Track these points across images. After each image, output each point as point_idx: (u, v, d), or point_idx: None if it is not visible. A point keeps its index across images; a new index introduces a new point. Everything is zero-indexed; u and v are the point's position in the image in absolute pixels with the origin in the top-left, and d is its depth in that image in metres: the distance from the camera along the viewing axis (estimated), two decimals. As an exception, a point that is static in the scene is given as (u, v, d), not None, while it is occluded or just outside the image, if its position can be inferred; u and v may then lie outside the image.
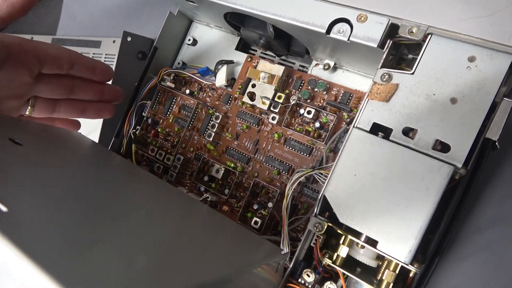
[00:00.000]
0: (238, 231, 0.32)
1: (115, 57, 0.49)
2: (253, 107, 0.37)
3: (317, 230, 0.27)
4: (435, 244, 0.26)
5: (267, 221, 0.35)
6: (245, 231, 0.32)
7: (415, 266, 0.25)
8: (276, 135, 0.37)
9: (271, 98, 0.36)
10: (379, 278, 0.27)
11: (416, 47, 0.29)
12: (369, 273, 0.27)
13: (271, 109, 0.36)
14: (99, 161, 0.36)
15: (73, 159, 0.32)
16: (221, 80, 0.40)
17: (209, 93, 0.41)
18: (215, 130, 0.39)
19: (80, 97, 0.37)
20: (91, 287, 0.14)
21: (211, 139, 0.39)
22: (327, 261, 0.27)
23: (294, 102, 0.36)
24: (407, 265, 0.24)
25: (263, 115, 0.38)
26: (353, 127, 0.27)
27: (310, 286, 0.29)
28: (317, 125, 0.34)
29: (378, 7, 0.27)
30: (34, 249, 0.14)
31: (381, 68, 0.28)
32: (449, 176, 0.24)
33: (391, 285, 0.26)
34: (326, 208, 0.27)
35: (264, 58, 0.40)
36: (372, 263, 0.27)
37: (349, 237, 0.26)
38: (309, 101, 0.36)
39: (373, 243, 0.25)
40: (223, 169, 0.38)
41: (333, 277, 0.29)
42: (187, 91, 0.42)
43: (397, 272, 0.26)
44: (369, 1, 0.28)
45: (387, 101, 0.27)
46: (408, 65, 0.31)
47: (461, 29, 0.25)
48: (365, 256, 0.27)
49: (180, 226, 0.27)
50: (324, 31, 0.29)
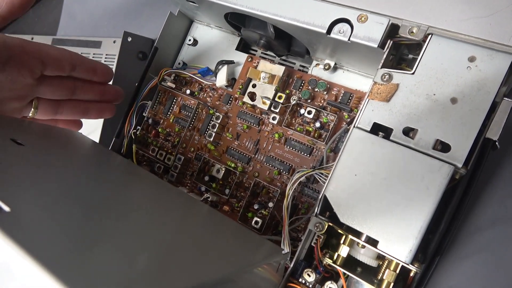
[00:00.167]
0: (238, 231, 0.32)
1: (116, 57, 0.49)
2: (254, 107, 0.37)
3: (318, 230, 0.27)
4: (435, 243, 0.26)
5: (267, 221, 0.35)
6: (245, 231, 0.32)
7: (415, 265, 0.25)
8: (276, 135, 0.37)
9: (271, 98, 0.36)
10: (379, 277, 0.27)
11: (416, 47, 0.29)
12: (370, 273, 0.28)
13: (272, 109, 0.36)
14: (100, 161, 0.36)
15: (74, 159, 0.32)
16: (221, 80, 0.40)
17: (210, 93, 0.42)
18: (215, 130, 0.39)
19: (82, 98, 0.37)
20: (92, 287, 0.14)
21: (212, 139, 0.39)
22: (327, 261, 0.28)
23: (294, 102, 0.36)
24: (407, 264, 0.24)
25: (263, 115, 0.38)
26: (354, 127, 0.27)
27: (310, 285, 0.29)
28: (318, 125, 0.34)
29: (378, 7, 0.27)
30: (36, 249, 0.15)
31: (381, 68, 0.28)
32: (449, 176, 0.24)
33: (392, 284, 0.26)
34: (326, 208, 0.27)
35: (264, 58, 0.40)
36: (372, 263, 0.27)
37: (350, 236, 0.26)
38: (309, 101, 0.36)
39: (373, 242, 0.25)
40: (223, 169, 0.38)
41: (334, 276, 0.30)
42: (188, 91, 0.42)
43: (397, 271, 0.26)
44: (370, 1, 0.28)
45: (387, 101, 0.27)
46: (408, 65, 0.31)
47: (461, 29, 0.25)
48: (365, 255, 0.27)
49: (180, 226, 0.27)
50: (324, 31, 0.29)
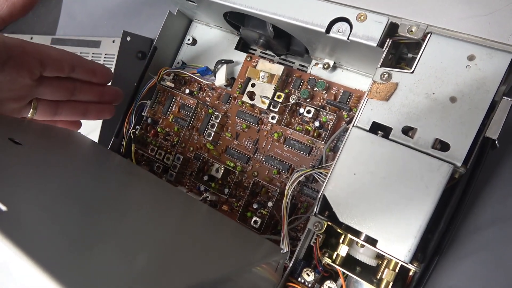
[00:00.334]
0: (238, 231, 0.32)
1: (115, 57, 0.49)
2: (253, 106, 0.37)
3: (317, 229, 0.27)
4: (434, 243, 0.26)
5: (266, 220, 0.35)
6: (245, 231, 0.32)
7: (414, 265, 0.25)
8: (275, 135, 0.37)
9: (270, 97, 0.36)
10: (378, 277, 0.27)
11: (415, 46, 0.29)
12: (369, 272, 0.28)
13: (271, 108, 0.36)
14: (99, 160, 0.36)
15: (72, 158, 0.32)
16: (220, 79, 0.40)
17: (209, 93, 0.41)
18: (214, 129, 0.39)
19: (81, 99, 0.37)
20: (92, 287, 0.14)
21: (211, 139, 0.39)
22: (327, 260, 0.27)
23: (293, 101, 0.36)
24: (406, 264, 0.24)
25: (262, 115, 0.38)
26: (353, 126, 0.27)
27: (310, 285, 0.29)
28: (317, 124, 0.34)
29: (377, 6, 0.27)
30: (34, 249, 0.14)
31: (380, 67, 0.28)
32: (448, 175, 0.24)
33: (391, 284, 0.26)
34: (325, 207, 0.27)
35: (263, 57, 0.40)
36: (372, 262, 0.27)
37: (349, 236, 0.26)
38: (308, 100, 0.36)
39: (372, 242, 0.25)
40: (222, 168, 0.38)
41: (333, 276, 0.30)
42: (187, 91, 0.42)
43: (396, 271, 0.26)
44: (369, 0, 0.28)
45: (386, 100, 0.27)
46: (407, 64, 0.31)
47: (461, 28, 0.25)
48: (364, 255, 0.27)
49: (180, 225, 0.27)
50: (323, 30, 0.29)
